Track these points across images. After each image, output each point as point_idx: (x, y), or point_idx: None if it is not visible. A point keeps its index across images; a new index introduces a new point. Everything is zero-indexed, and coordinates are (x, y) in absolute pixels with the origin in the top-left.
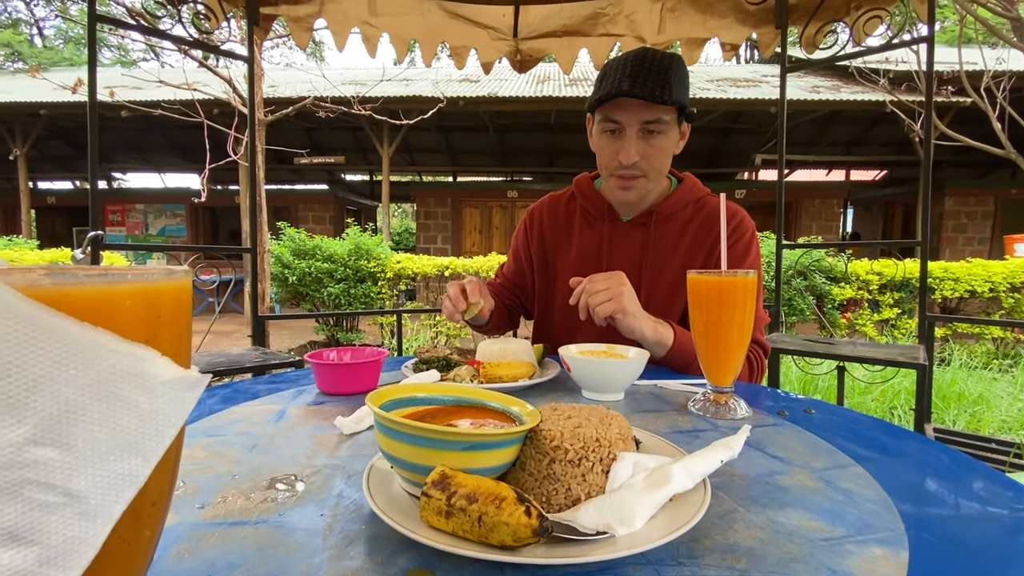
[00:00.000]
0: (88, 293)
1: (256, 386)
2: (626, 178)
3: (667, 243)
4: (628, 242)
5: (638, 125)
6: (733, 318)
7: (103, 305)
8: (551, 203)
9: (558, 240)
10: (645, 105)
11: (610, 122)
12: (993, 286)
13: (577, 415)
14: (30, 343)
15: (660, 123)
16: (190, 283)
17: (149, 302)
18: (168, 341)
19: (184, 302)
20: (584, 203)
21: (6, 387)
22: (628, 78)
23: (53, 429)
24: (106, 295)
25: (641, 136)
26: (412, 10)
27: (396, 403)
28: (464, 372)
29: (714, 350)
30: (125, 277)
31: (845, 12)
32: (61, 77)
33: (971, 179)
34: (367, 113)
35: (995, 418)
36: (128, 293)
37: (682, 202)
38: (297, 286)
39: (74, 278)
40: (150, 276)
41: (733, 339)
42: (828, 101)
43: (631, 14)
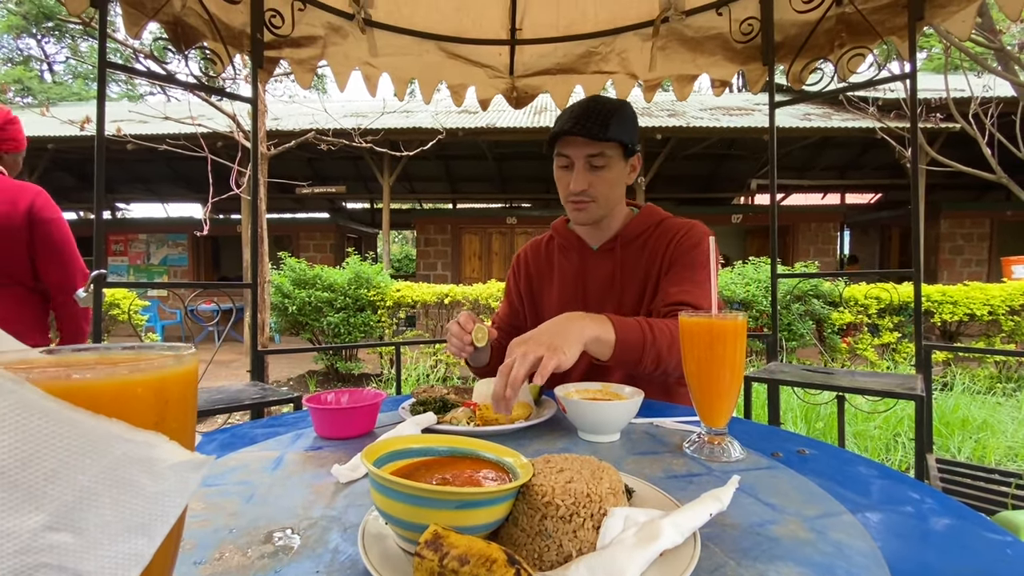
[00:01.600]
0: (104, 385)
1: (254, 430)
2: (577, 203)
3: (632, 263)
4: (600, 268)
5: (584, 158)
6: (724, 359)
7: (117, 395)
8: (534, 246)
9: (542, 277)
10: (587, 142)
11: (562, 157)
12: (992, 309)
13: (569, 467)
14: (50, 436)
15: (603, 157)
16: (197, 366)
17: (159, 388)
18: (175, 421)
19: (191, 383)
20: (560, 240)
21: (27, 478)
22: (572, 119)
23: (68, 515)
24: (120, 386)
25: (587, 168)
26: (411, 51)
27: (391, 456)
28: (460, 415)
29: (707, 392)
30: (139, 367)
31: (829, 50)
32: (69, 112)
33: (966, 201)
34: (368, 146)
35: (1001, 444)
36: (140, 382)
37: (642, 226)
38: (297, 315)
39: (92, 371)
40: (161, 365)
41: (725, 380)
42: (819, 128)
43: (623, 52)
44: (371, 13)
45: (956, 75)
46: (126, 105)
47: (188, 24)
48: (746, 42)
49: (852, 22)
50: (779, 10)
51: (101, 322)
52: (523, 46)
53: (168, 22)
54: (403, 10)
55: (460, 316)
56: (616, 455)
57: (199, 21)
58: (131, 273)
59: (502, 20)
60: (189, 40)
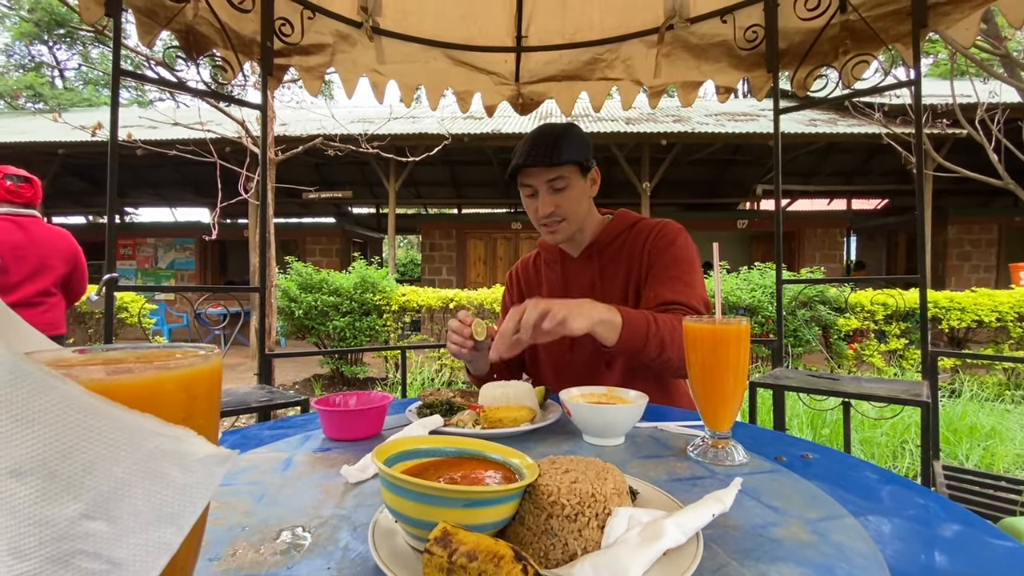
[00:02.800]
0: (139, 383)
1: (263, 432)
2: (548, 225)
3: (611, 266)
4: (581, 274)
5: (545, 184)
6: (728, 364)
7: (150, 391)
8: (523, 263)
9: (531, 289)
10: (544, 169)
11: (525, 187)
12: (1000, 316)
13: (574, 468)
14: (89, 430)
15: (561, 179)
16: (221, 364)
17: (188, 384)
18: (202, 417)
19: (216, 381)
20: (545, 254)
21: (66, 468)
22: (525, 153)
23: (103, 504)
24: (153, 383)
25: (550, 192)
26: (418, 58)
27: (401, 456)
28: (467, 417)
29: (710, 396)
30: (168, 365)
31: (834, 57)
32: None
33: (973, 207)
34: (374, 151)
35: (1009, 452)
36: (171, 379)
37: (616, 230)
38: (303, 319)
39: (128, 369)
40: (190, 363)
41: (728, 385)
42: (825, 134)
43: (628, 59)
44: (379, 21)
45: (962, 81)
46: (136, 111)
47: (200, 32)
48: (750, 49)
49: (856, 29)
50: (783, 18)
51: (113, 324)
52: (529, 53)
53: (180, 31)
54: (410, 18)
55: (460, 313)
56: (621, 458)
57: (210, 29)
58: (139, 277)
59: (508, 28)
60: (200, 48)
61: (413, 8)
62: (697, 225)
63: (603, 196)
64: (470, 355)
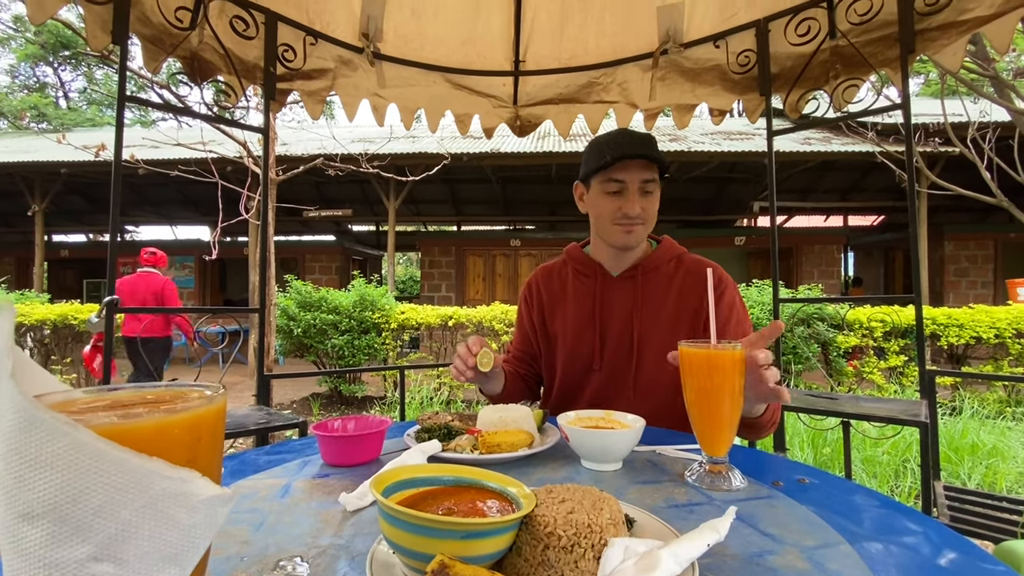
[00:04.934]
0: (147, 427)
1: (261, 457)
2: (628, 226)
3: (655, 292)
4: (619, 293)
5: (639, 182)
6: (724, 389)
7: (158, 435)
8: (545, 272)
9: (554, 303)
10: (646, 164)
11: (614, 182)
12: (999, 332)
13: (571, 498)
14: (99, 474)
15: (653, 183)
16: (225, 403)
17: (193, 426)
18: (206, 457)
19: (220, 421)
20: (576, 266)
21: (76, 512)
22: (627, 145)
23: (111, 546)
24: (161, 427)
25: (641, 193)
26: (418, 82)
27: (398, 485)
28: (464, 442)
29: (708, 421)
30: (175, 409)
31: (824, 81)
32: (83, 138)
33: (969, 223)
34: (375, 171)
35: (1012, 471)
36: (177, 422)
37: (664, 258)
38: (302, 338)
39: (137, 414)
40: (196, 406)
41: (725, 410)
42: (819, 152)
43: (624, 83)
44: (380, 47)
45: (953, 100)
46: (139, 131)
47: (204, 59)
48: (743, 73)
49: (846, 54)
50: (774, 43)
51: (112, 345)
52: (526, 77)
53: (185, 57)
54: (411, 44)
55: (470, 339)
56: (619, 484)
57: (215, 56)
58: None
59: (506, 52)
60: (205, 74)
61: (413, 34)
62: (695, 242)
63: None
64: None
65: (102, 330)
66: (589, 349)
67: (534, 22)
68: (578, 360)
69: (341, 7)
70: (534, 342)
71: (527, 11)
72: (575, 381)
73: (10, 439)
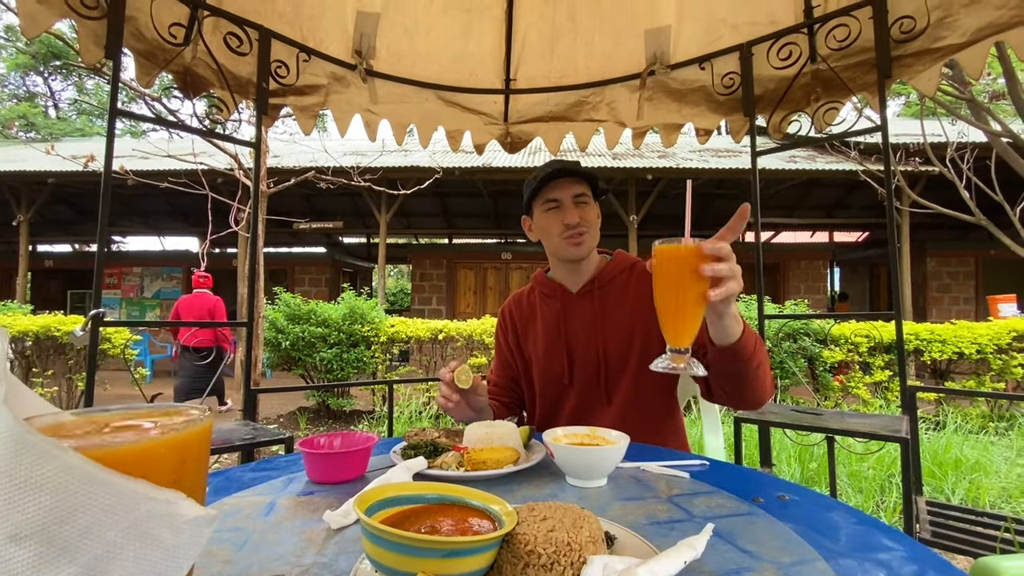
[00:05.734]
0: (134, 449)
1: (247, 474)
2: (573, 236)
3: (613, 304)
4: (580, 310)
5: (571, 196)
6: (678, 282)
7: (145, 457)
8: (516, 299)
9: (526, 325)
10: (573, 182)
11: (549, 201)
12: (980, 348)
13: (552, 516)
14: (87, 496)
15: (585, 195)
16: (211, 425)
17: (179, 448)
18: (191, 478)
19: (206, 443)
20: (541, 288)
21: (64, 533)
22: (554, 167)
23: (96, 567)
24: (147, 449)
25: (575, 205)
26: (410, 99)
27: (382, 503)
28: (450, 459)
29: (666, 314)
30: (163, 431)
31: (806, 103)
32: (72, 147)
33: (951, 240)
34: (366, 185)
35: (995, 485)
36: (164, 444)
37: (617, 269)
38: (290, 351)
39: (124, 438)
40: (182, 427)
41: (679, 301)
42: (804, 170)
43: (612, 102)
44: (372, 64)
45: (932, 120)
46: (128, 142)
47: (197, 74)
48: (728, 95)
49: (826, 78)
50: (758, 66)
51: (96, 360)
52: (517, 95)
53: (178, 72)
54: (403, 61)
55: (450, 363)
56: (603, 500)
57: (208, 71)
58: (123, 306)
59: (497, 71)
60: (197, 88)
61: (406, 52)
62: None
63: None
64: (458, 411)
65: (86, 344)
66: (559, 366)
67: (525, 42)
68: (551, 378)
69: (335, 25)
70: (512, 365)
71: (518, 31)
72: (552, 399)
73: (1, 462)
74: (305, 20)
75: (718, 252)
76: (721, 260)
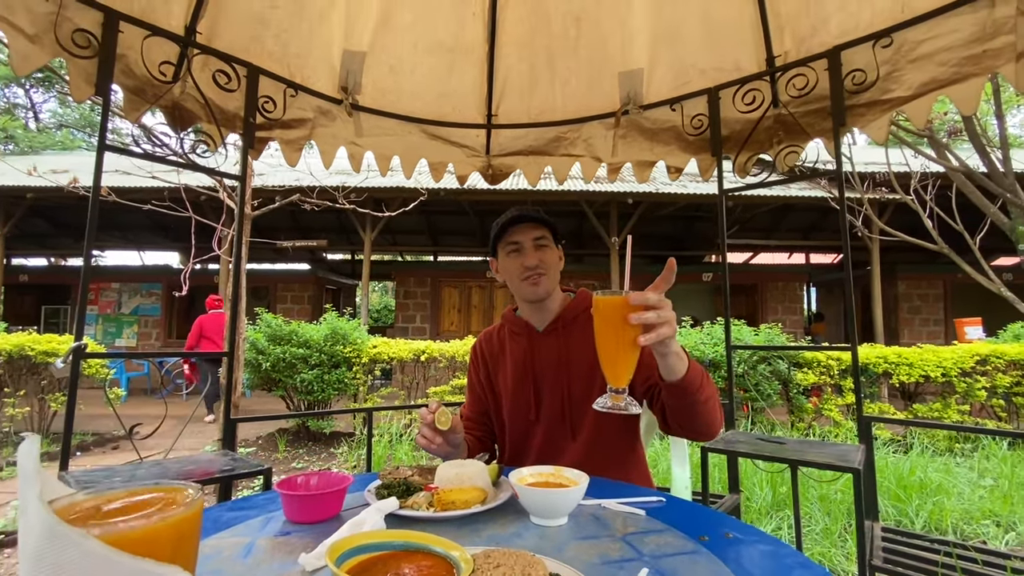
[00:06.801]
0: (141, 534)
1: (225, 513)
2: (531, 278)
3: (576, 343)
4: (546, 348)
5: (531, 241)
6: (613, 329)
7: (151, 538)
8: (487, 335)
9: (496, 362)
10: (534, 225)
11: (510, 244)
12: (945, 371)
13: (504, 563)
14: (103, 574)
15: (544, 239)
16: (202, 505)
17: (177, 525)
18: (185, 552)
19: (198, 517)
20: (510, 327)
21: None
22: (511, 217)
23: None
24: (152, 532)
25: (535, 248)
26: (395, 132)
27: (353, 551)
28: (421, 499)
29: (604, 357)
30: (164, 516)
31: (769, 146)
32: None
33: (921, 263)
34: (351, 207)
35: (956, 507)
36: (167, 525)
37: (580, 307)
38: (270, 372)
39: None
40: (180, 511)
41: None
42: (777, 196)
43: (588, 138)
44: (358, 99)
45: (898, 148)
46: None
47: (186, 108)
48: (697, 135)
49: (787, 123)
50: (725, 109)
51: (76, 390)
52: (498, 130)
53: (167, 107)
54: (388, 96)
55: (430, 403)
56: (562, 539)
57: (196, 106)
58: (99, 322)
59: (479, 107)
60: (185, 123)
61: (391, 88)
62: None
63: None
64: (439, 450)
65: (67, 375)
66: (526, 403)
67: (506, 81)
68: (519, 414)
69: (322, 63)
70: (483, 400)
71: (499, 71)
72: (520, 434)
73: (36, 547)
74: (293, 58)
75: (645, 302)
76: (650, 309)
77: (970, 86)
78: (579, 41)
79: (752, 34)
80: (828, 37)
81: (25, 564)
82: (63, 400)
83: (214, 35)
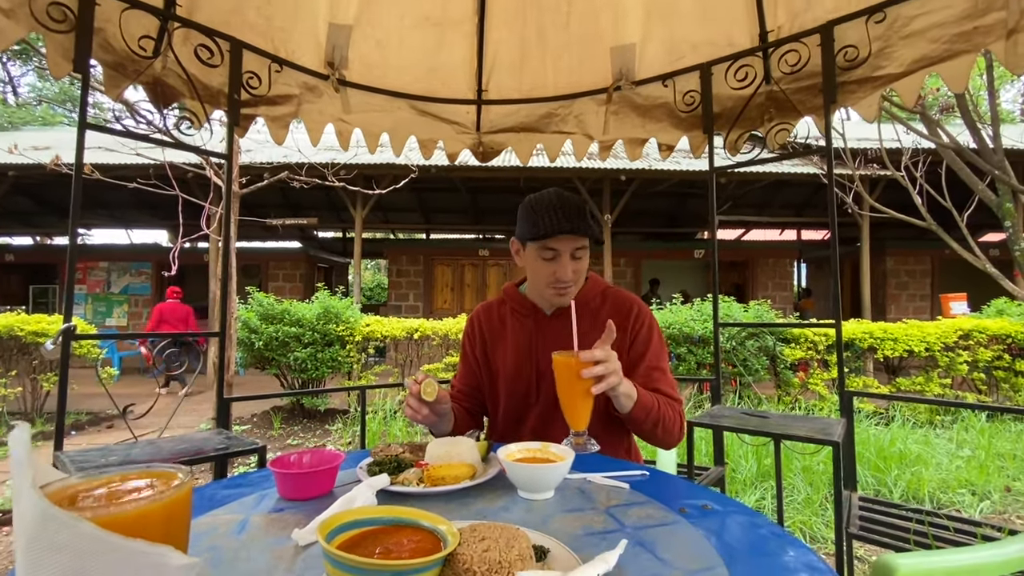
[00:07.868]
0: (132, 515)
1: (220, 491)
2: (560, 288)
3: (585, 328)
4: (554, 331)
5: (570, 251)
6: (567, 382)
7: (140, 520)
8: (485, 309)
9: (495, 339)
10: (577, 237)
11: (548, 250)
12: (928, 346)
13: (489, 535)
14: (96, 555)
15: (583, 249)
16: (192, 487)
17: (167, 507)
18: (176, 532)
19: (188, 501)
20: (513, 305)
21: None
22: (559, 219)
23: None
24: (143, 513)
25: (572, 259)
26: (383, 108)
27: (344, 527)
28: (411, 476)
29: (564, 406)
30: (155, 497)
31: (760, 123)
32: (34, 138)
33: (909, 240)
34: (341, 185)
35: (934, 477)
36: (157, 506)
37: (591, 294)
38: (263, 351)
39: (126, 505)
40: (171, 493)
41: (571, 397)
42: (770, 172)
43: (580, 115)
44: (345, 74)
45: (889, 124)
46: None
47: (168, 84)
48: (689, 112)
49: (779, 100)
50: (717, 85)
51: (68, 371)
52: (489, 106)
53: (148, 83)
54: (375, 71)
55: (417, 374)
56: (546, 512)
57: (178, 82)
58: (89, 302)
59: (469, 82)
60: (168, 99)
61: (378, 62)
62: (657, 254)
63: None
64: (425, 420)
65: (57, 357)
66: (527, 384)
67: (496, 55)
68: (518, 394)
69: (307, 36)
70: (477, 374)
71: (489, 45)
72: (516, 413)
73: (30, 531)
74: (277, 32)
75: (593, 359)
76: (598, 363)
77: (960, 63)
78: (571, 15)
79: (746, 7)
80: (822, 11)
81: (21, 547)
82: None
83: (195, 7)
